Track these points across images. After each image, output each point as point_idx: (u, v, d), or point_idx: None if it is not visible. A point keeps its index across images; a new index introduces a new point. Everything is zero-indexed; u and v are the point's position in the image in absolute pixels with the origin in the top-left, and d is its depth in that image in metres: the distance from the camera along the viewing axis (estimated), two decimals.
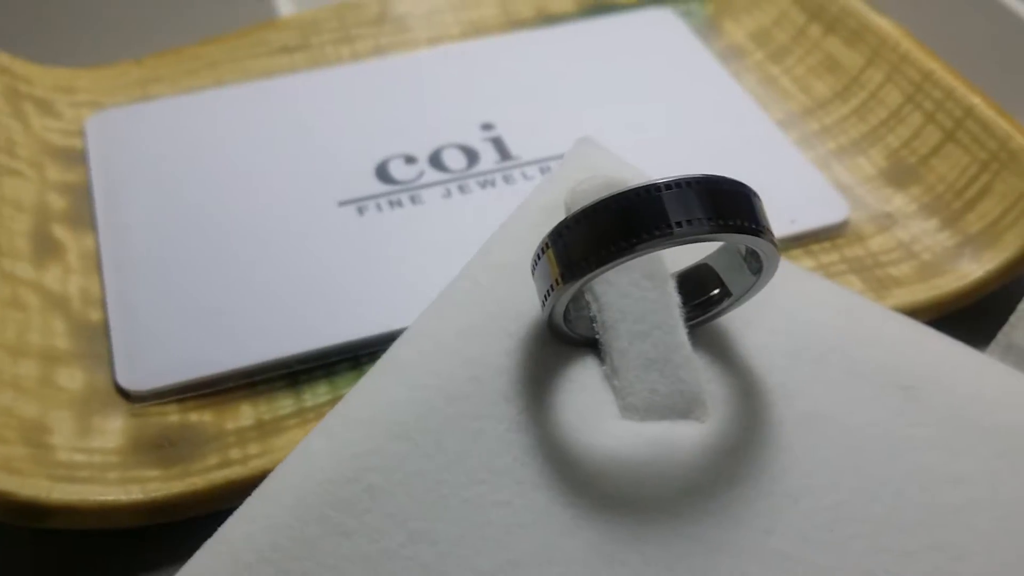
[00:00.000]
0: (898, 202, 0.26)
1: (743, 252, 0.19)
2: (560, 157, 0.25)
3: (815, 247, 0.25)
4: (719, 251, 0.19)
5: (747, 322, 0.20)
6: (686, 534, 0.17)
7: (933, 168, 0.26)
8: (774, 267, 0.18)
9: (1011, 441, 0.19)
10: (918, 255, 0.24)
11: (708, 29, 0.31)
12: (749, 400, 0.19)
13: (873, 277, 0.24)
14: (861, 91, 0.28)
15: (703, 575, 0.17)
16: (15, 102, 0.27)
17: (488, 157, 0.27)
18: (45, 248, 0.24)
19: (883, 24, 0.28)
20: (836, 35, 0.29)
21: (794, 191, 0.26)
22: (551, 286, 0.17)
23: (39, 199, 0.25)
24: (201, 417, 0.21)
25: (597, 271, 0.17)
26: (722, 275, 0.19)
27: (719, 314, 0.19)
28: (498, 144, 0.27)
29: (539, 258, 0.17)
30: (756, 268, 0.18)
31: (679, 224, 0.16)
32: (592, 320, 0.19)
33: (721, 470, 0.18)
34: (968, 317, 0.23)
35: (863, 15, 0.28)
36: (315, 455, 0.17)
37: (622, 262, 0.17)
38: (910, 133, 0.26)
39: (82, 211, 0.25)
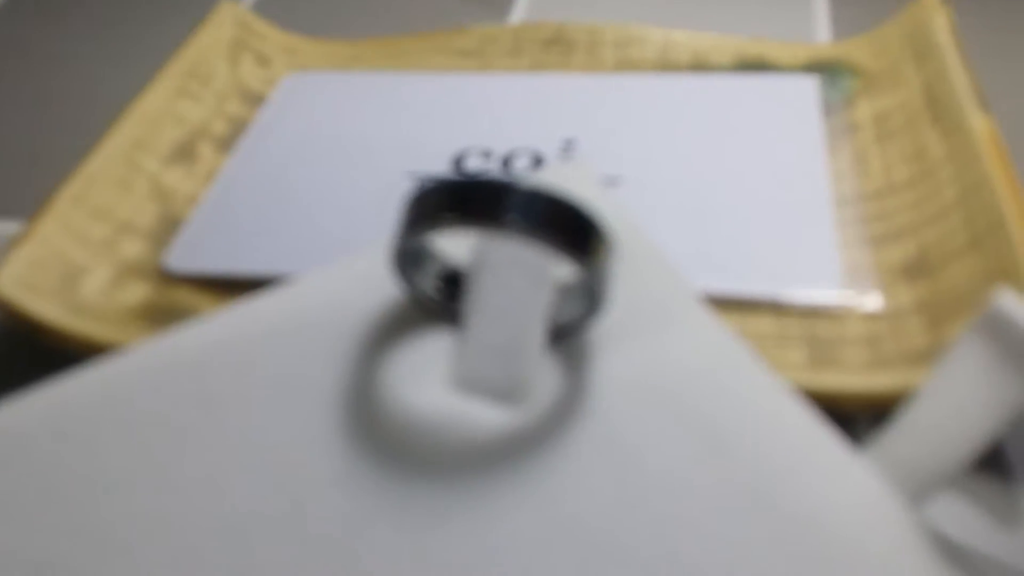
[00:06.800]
0: (901, 297, 0.22)
1: (577, 287, 0.18)
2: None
3: (787, 311, 0.22)
4: (568, 283, 0.19)
5: (614, 342, 0.19)
6: (366, 487, 0.17)
7: (948, 270, 0.22)
8: (599, 308, 0.18)
9: (785, 523, 0.16)
10: (881, 347, 0.21)
11: (844, 103, 0.29)
12: (560, 408, 0.18)
13: (821, 353, 0.21)
14: (930, 181, 0.24)
15: (343, 519, 0.17)
16: (236, 51, 0.31)
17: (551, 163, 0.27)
18: (183, 155, 0.28)
19: (976, 122, 0.24)
20: (938, 126, 0.26)
21: (794, 260, 0.23)
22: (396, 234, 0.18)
23: (204, 121, 0.29)
24: (205, 303, 0.24)
25: (423, 233, 0.17)
26: (566, 299, 0.19)
27: (562, 334, 0.19)
28: (566, 155, 0.27)
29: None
30: (588, 303, 0.18)
31: (511, 218, 0.16)
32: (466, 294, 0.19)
33: (466, 458, 0.17)
34: None
35: (962, 111, 0.25)
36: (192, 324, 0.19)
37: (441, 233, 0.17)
38: (946, 231, 0.23)
39: (234, 139, 0.29)
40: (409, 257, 0.18)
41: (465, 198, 0.17)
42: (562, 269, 0.19)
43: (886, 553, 0.17)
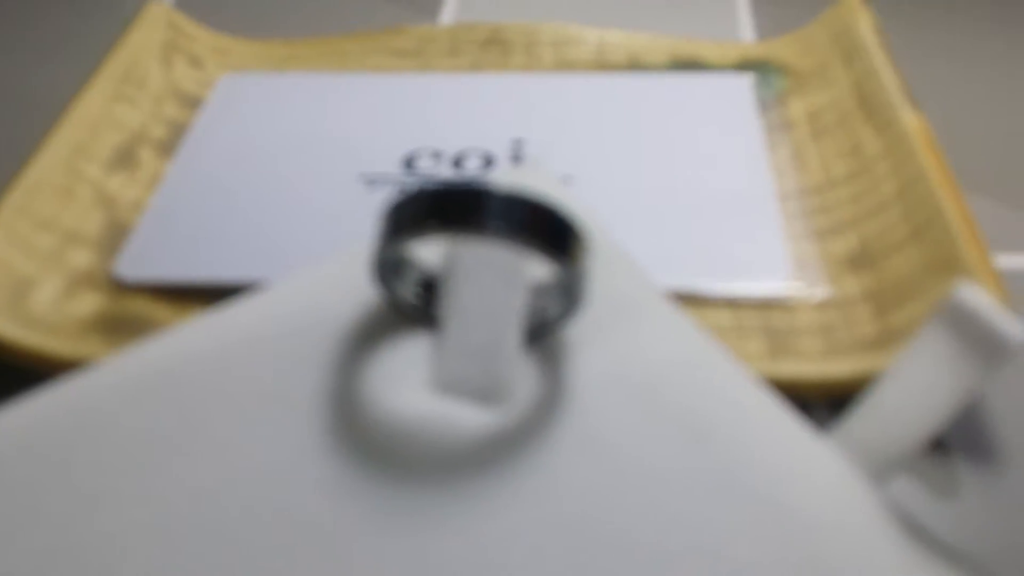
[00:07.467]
0: (848, 286, 0.23)
1: (552, 286, 0.18)
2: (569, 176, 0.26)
3: (743, 304, 0.23)
4: (541, 283, 0.19)
5: (588, 340, 0.19)
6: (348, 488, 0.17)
7: (891, 261, 0.23)
8: (578, 301, 0.18)
9: (761, 507, 0.17)
10: (834, 336, 0.22)
11: (776, 101, 0.30)
12: (540, 407, 0.18)
13: (778, 343, 0.22)
14: (867, 176, 0.25)
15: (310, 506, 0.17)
16: (168, 53, 0.31)
17: (502, 164, 0.27)
18: (124, 161, 0.27)
19: (908, 120, 0.25)
20: (871, 123, 0.27)
21: (746, 255, 0.24)
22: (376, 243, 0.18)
23: (143, 126, 0.28)
24: (160, 312, 0.23)
25: (405, 241, 0.17)
26: (541, 299, 0.19)
27: (538, 333, 0.19)
28: (516, 155, 0.27)
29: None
30: (566, 302, 0.18)
31: (493, 223, 0.16)
32: (442, 298, 0.19)
33: (451, 459, 0.18)
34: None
35: (894, 109, 0.26)
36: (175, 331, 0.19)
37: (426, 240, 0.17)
38: (886, 224, 0.24)
39: (174, 143, 0.28)
40: (389, 265, 0.18)
41: (444, 205, 0.17)
42: (536, 268, 0.19)
43: (856, 531, 0.17)
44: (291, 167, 0.27)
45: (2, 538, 0.16)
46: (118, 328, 0.23)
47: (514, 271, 0.19)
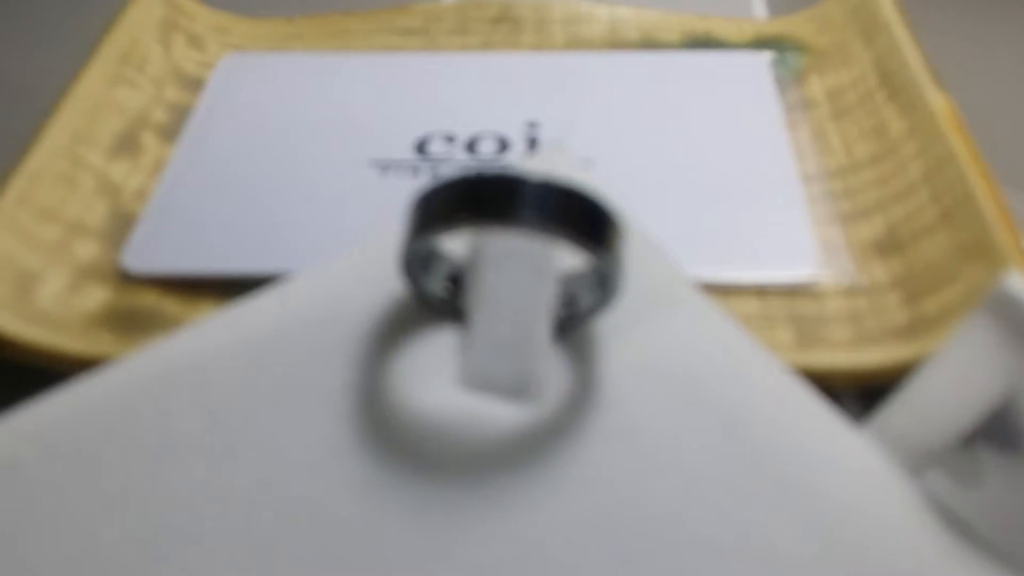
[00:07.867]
0: (876, 272, 0.23)
1: (591, 272, 0.18)
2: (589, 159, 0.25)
3: (770, 292, 0.22)
4: (577, 271, 0.18)
5: (620, 332, 0.19)
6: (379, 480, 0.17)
7: (921, 246, 0.23)
8: (614, 291, 0.17)
9: (801, 498, 0.17)
10: (863, 323, 0.22)
11: (794, 79, 0.29)
12: (573, 400, 0.18)
13: (807, 332, 0.21)
14: (893, 158, 0.25)
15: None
16: (167, 32, 0.30)
17: (518, 148, 0.26)
18: (126, 146, 0.26)
19: (934, 100, 0.25)
20: (895, 103, 0.26)
21: (771, 241, 0.23)
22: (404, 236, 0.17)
23: (144, 109, 0.27)
24: (170, 305, 0.22)
25: (435, 234, 0.16)
26: (571, 289, 0.18)
27: (568, 325, 0.18)
28: (532, 139, 0.27)
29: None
30: (600, 292, 0.17)
31: (529, 214, 0.16)
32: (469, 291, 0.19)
33: (483, 455, 0.17)
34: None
35: (919, 88, 0.25)
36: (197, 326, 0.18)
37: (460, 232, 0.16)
38: (914, 208, 0.23)
39: (177, 127, 0.27)
40: (417, 259, 0.17)
41: (477, 196, 0.16)
42: (567, 258, 0.19)
43: (895, 522, 0.17)
44: (299, 152, 0.26)
45: (29, 542, 0.16)
46: (127, 322, 0.22)
47: (544, 262, 0.19)
